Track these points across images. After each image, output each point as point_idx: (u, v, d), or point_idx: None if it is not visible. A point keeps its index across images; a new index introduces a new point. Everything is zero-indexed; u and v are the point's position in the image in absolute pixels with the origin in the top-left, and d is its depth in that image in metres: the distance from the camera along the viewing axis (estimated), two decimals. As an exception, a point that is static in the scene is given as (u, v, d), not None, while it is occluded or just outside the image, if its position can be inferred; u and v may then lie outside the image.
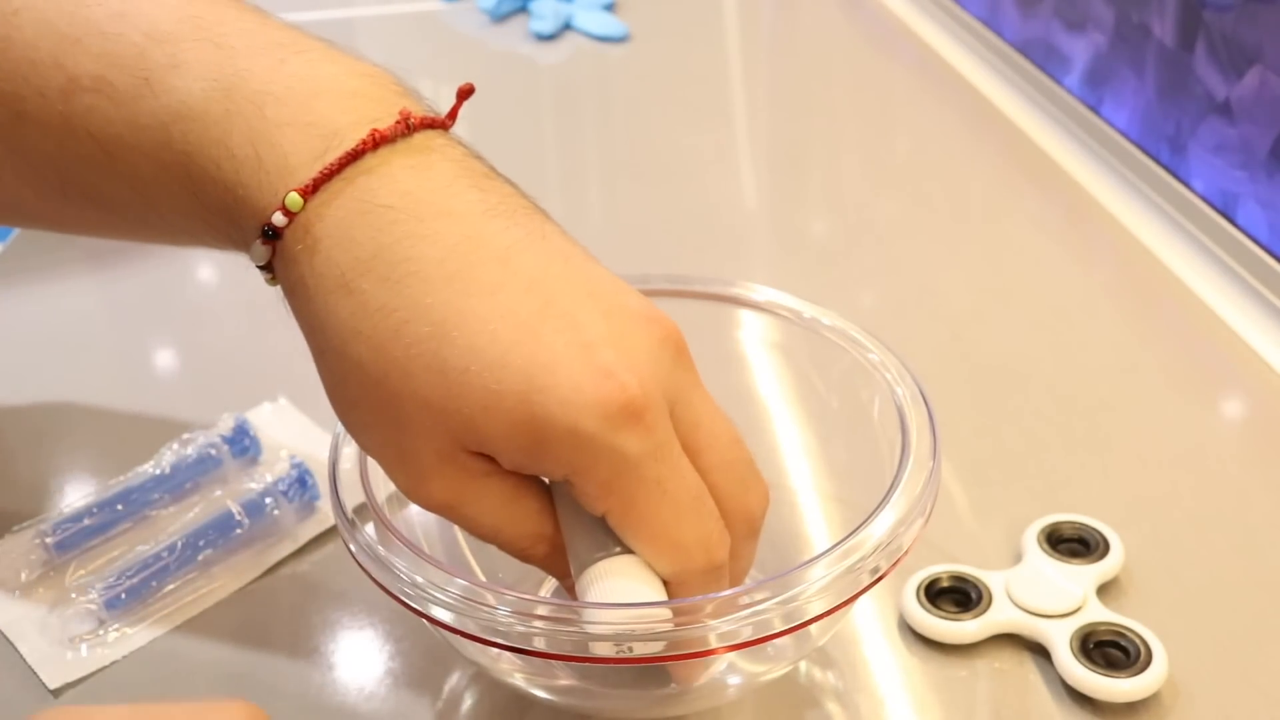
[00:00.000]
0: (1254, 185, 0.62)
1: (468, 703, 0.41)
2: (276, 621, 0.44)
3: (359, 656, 0.42)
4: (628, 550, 0.33)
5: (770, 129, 0.86)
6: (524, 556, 0.35)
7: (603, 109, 0.90)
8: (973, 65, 0.90)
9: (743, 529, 0.35)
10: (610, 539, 0.33)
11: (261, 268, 0.35)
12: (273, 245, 0.34)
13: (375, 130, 0.33)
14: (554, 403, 0.31)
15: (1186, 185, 0.68)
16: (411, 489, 0.34)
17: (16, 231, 0.70)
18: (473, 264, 0.32)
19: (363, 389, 0.33)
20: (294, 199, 0.33)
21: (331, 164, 0.33)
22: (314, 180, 0.33)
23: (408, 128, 0.34)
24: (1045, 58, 0.83)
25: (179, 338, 0.62)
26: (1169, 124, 0.70)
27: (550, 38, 0.96)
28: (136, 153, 0.35)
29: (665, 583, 0.33)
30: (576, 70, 0.93)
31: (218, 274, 0.66)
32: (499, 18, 1.00)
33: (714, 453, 0.34)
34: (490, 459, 0.33)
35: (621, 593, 0.33)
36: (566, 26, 0.98)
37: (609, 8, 1.00)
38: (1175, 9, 0.68)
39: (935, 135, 0.82)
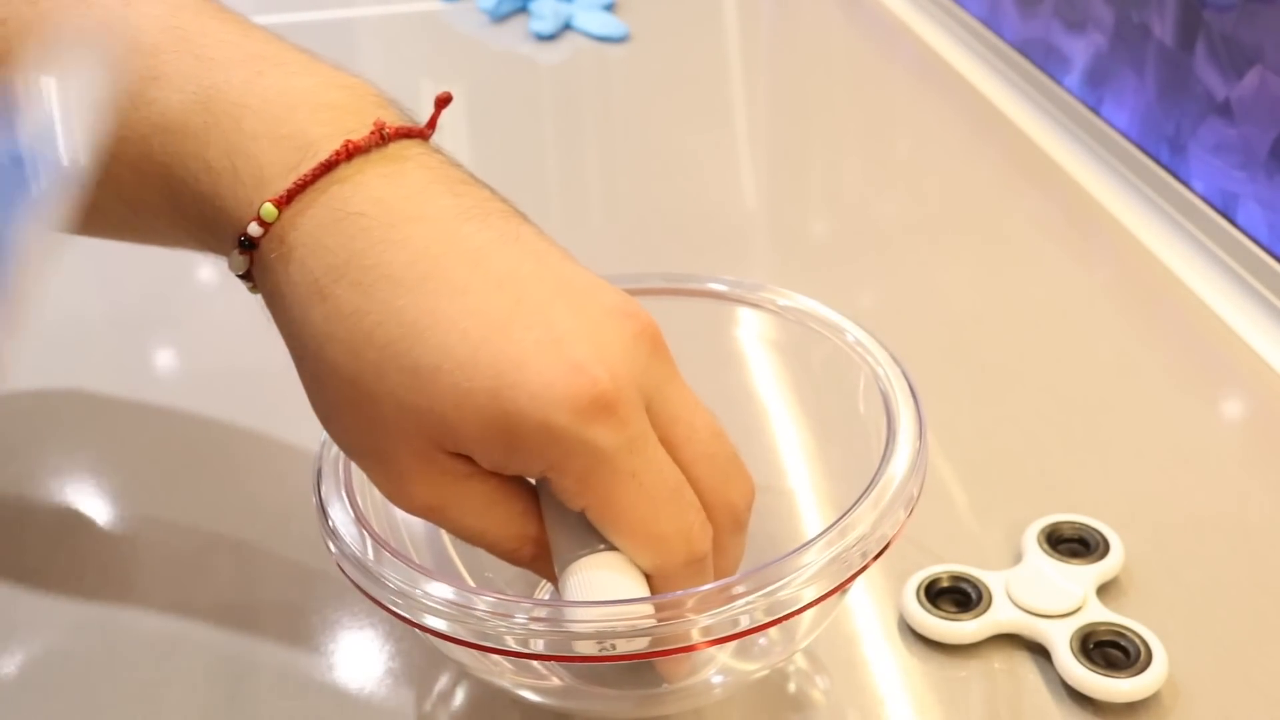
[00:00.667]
0: (1254, 185, 0.62)
1: (469, 702, 0.41)
2: (277, 621, 0.44)
3: (359, 656, 0.42)
4: (611, 547, 0.33)
5: (770, 129, 0.86)
6: (511, 558, 0.35)
7: (603, 109, 0.90)
8: (973, 65, 0.90)
9: (727, 523, 0.35)
10: (593, 536, 0.33)
11: (241, 277, 0.35)
12: (250, 255, 0.34)
13: (349, 141, 0.34)
14: (524, 398, 0.31)
15: (1186, 185, 0.68)
16: (394, 493, 0.34)
17: (16, 231, 0.70)
18: (443, 266, 0.32)
19: (340, 393, 0.33)
20: (268, 209, 0.33)
21: (305, 175, 0.33)
22: (288, 191, 0.33)
23: (382, 138, 0.34)
24: (1045, 58, 0.83)
25: (179, 337, 0.62)
26: (1169, 124, 0.70)
27: (550, 38, 0.96)
28: (118, 162, 0.36)
29: (648, 577, 0.33)
30: (576, 70, 0.93)
31: (218, 274, 0.66)
32: (499, 18, 1.00)
33: (694, 446, 0.34)
34: (470, 460, 0.33)
35: (601, 588, 0.33)
36: (566, 26, 0.98)
37: (609, 8, 1.00)
38: (1175, 9, 0.68)
39: (935, 135, 0.82)
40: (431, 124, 0.36)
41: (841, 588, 0.33)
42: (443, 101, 0.37)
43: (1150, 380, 0.56)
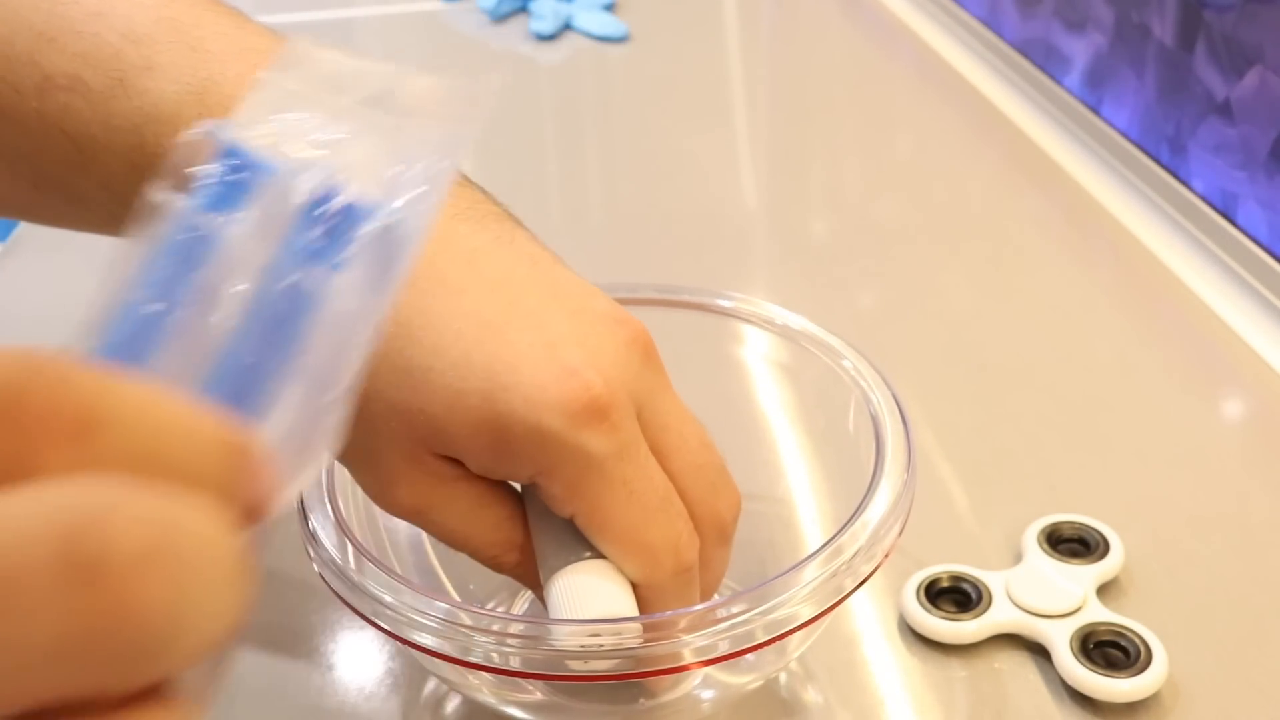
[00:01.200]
0: (1254, 185, 0.62)
1: (466, 704, 0.41)
2: (274, 622, 0.44)
3: (359, 656, 0.42)
4: (597, 555, 0.33)
5: (770, 129, 0.86)
6: (495, 565, 0.35)
7: (603, 109, 0.90)
8: (973, 65, 0.90)
9: (713, 535, 0.35)
10: (579, 545, 0.33)
11: None
12: None
13: None
14: (518, 401, 0.31)
15: (1186, 185, 0.68)
16: (379, 495, 0.34)
17: (17, 230, 0.70)
18: (439, 265, 0.32)
19: None
20: None
21: None
22: None
23: None
24: (1045, 58, 0.83)
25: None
26: (1169, 124, 0.70)
27: (550, 38, 0.96)
28: (109, 152, 0.35)
29: (634, 587, 0.33)
30: (576, 70, 0.93)
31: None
32: (499, 18, 1.00)
33: (683, 456, 0.34)
34: (459, 464, 0.33)
35: (587, 596, 0.32)
36: (566, 26, 0.98)
37: (609, 8, 1.00)
38: (1175, 9, 0.68)
39: (935, 135, 0.82)
40: None
41: (829, 611, 0.33)
42: None
43: (1150, 380, 0.56)
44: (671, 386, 0.34)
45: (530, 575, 0.35)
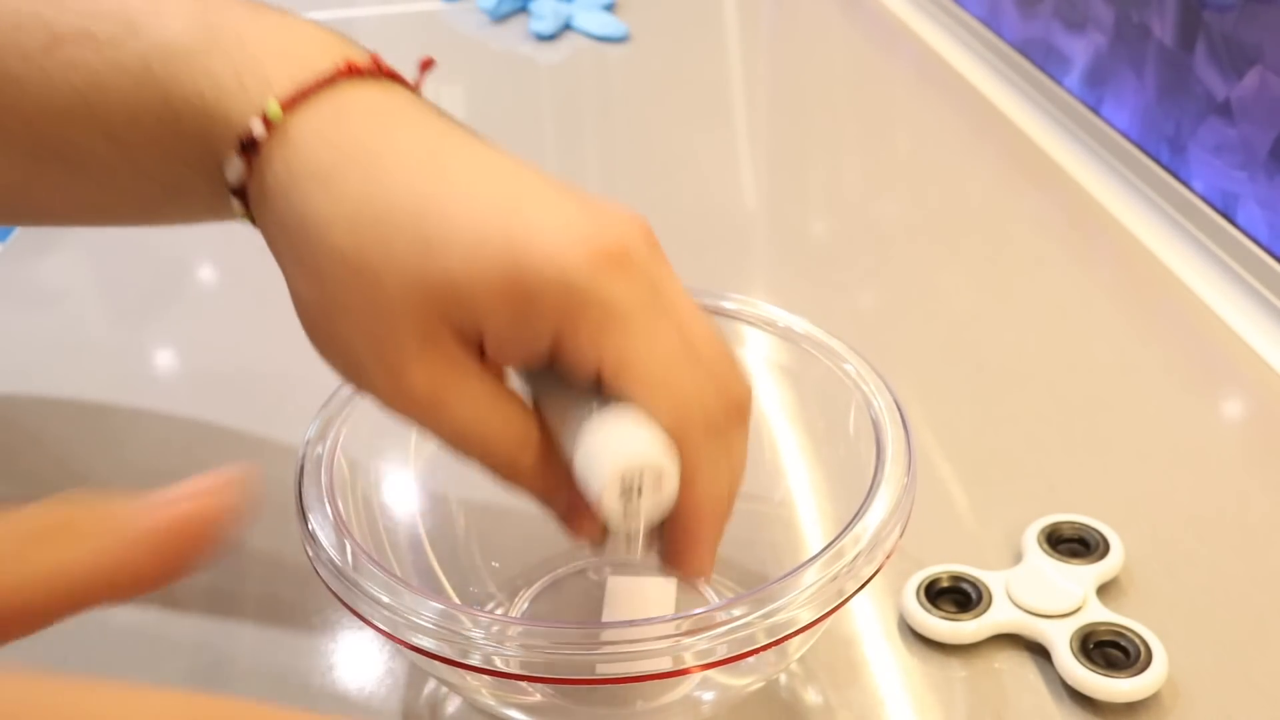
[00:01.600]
0: (1254, 185, 0.62)
1: (466, 703, 0.41)
2: (278, 622, 0.44)
3: (359, 656, 0.42)
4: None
5: (770, 129, 0.86)
6: (511, 469, 0.34)
7: (603, 109, 0.90)
8: (973, 65, 0.90)
9: (732, 413, 0.34)
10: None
11: (236, 194, 0.35)
12: (248, 160, 0.34)
13: (350, 62, 0.35)
14: (538, 256, 0.31)
15: (1186, 185, 0.68)
16: (391, 385, 0.33)
17: (16, 232, 0.70)
18: (449, 156, 0.33)
19: (341, 281, 0.33)
20: (274, 107, 0.33)
21: (309, 84, 0.34)
22: (291, 96, 0.34)
23: (379, 69, 0.35)
24: (1045, 58, 0.83)
25: (179, 337, 0.62)
26: (1169, 124, 0.70)
27: (550, 38, 0.96)
28: (116, 92, 0.36)
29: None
30: (576, 70, 0.93)
31: (218, 274, 0.66)
32: (499, 18, 1.00)
33: (694, 333, 0.34)
34: (473, 352, 0.33)
35: (622, 437, 0.32)
36: (566, 26, 0.98)
37: (609, 8, 1.00)
38: (1175, 9, 0.68)
39: (935, 135, 0.82)
40: (417, 86, 0.37)
41: (829, 614, 0.33)
42: (425, 65, 0.38)
43: (1150, 380, 0.56)
44: (678, 278, 0.34)
45: (546, 484, 0.34)
